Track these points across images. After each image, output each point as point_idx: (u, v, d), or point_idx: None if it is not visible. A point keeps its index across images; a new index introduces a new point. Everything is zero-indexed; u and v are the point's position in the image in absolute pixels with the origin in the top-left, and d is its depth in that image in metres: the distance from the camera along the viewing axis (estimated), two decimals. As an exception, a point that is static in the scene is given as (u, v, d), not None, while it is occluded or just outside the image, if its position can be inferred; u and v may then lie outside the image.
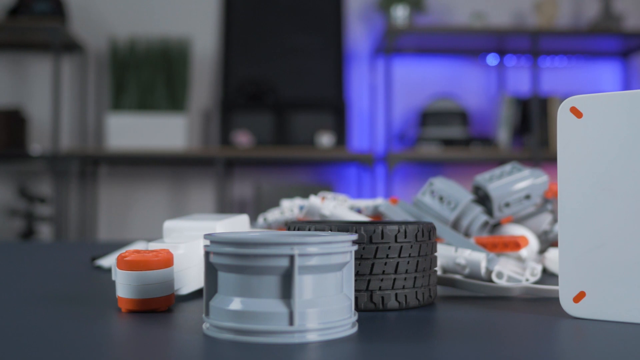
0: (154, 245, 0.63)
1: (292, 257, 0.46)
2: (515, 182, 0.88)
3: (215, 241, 0.48)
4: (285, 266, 0.46)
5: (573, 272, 0.56)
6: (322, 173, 3.55)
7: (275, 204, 3.22)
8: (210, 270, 0.50)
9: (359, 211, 0.89)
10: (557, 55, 3.60)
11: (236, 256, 0.47)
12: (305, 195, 3.22)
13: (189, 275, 0.64)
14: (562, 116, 0.57)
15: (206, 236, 0.49)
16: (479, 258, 0.73)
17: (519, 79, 3.62)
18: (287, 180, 3.52)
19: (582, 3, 3.67)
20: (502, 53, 3.56)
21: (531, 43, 3.25)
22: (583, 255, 0.56)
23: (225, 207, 3.31)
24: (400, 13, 3.28)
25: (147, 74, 3.27)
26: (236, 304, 0.47)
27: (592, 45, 3.43)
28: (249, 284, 0.47)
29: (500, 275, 0.73)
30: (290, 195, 3.21)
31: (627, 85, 3.61)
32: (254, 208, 3.29)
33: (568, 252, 0.57)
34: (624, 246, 0.54)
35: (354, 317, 0.50)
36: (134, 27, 3.53)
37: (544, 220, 0.93)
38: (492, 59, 3.61)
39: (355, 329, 0.51)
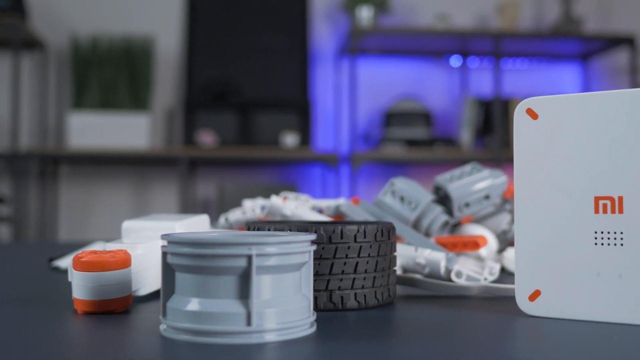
0: (111, 246, 0.62)
1: (249, 257, 0.46)
2: (474, 183, 0.89)
3: (172, 241, 0.48)
4: (243, 266, 0.46)
5: (528, 271, 0.57)
6: (287, 173, 3.54)
7: (239, 204, 3.20)
8: (168, 271, 0.49)
9: (320, 211, 0.89)
10: (518, 58, 3.65)
11: (193, 256, 0.47)
12: (269, 195, 3.21)
13: (148, 275, 0.63)
14: (519, 117, 0.58)
15: (163, 236, 0.49)
16: (439, 257, 0.73)
17: (482, 81, 3.66)
18: (252, 180, 3.51)
19: (543, 6, 3.73)
20: (465, 55, 3.60)
21: (493, 45, 3.29)
22: (538, 254, 0.57)
23: (189, 207, 3.29)
24: (365, 14, 3.29)
25: (109, 72, 3.23)
26: (193, 305, 0.47)
27: (553, 48, 3.49)
28: (206, 284, 0.47)
29: (459, 274, 0.73)
30: (254, 195, 3.20)
31: (586, 88, 3.68)
32: (218, 208, 3.27)
33: (524, 251, 0.57)
34: (577, 246, 0.55)
35: (313, 317, 0.51)
36: (96, 24, 3.48)
37: (503, 220, 0.94)
38: (455, 61, 3.65)
39: (313, 329, 0.51)
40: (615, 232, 0.54)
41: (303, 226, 0.60)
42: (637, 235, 0.53)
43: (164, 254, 0.49)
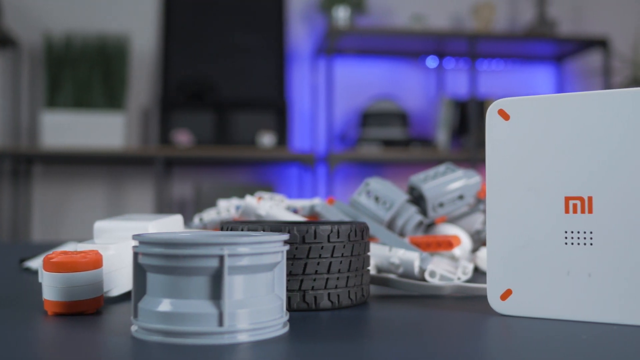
0: (83, 246, 0.62)
1: (221, 258, 0.46)
2: (449, 183, 0.90)
3: (143, 242, 0.48)
4: (215, 266, 0.46)
5: (500, 271, 0.58)
6: (263, 173, 3.54)
7: (215, 204, 3.19)
8: (139, 272, 0.49)
9: (295, 211, 0.89)
10: (494, 59, 3.68)
11: (165, 257, 0.46)
12: (245, 195, 3.20)
13: (120, 276, 0.63)
14: (490, 118, 0.58)
15: (135, 236, 0.49)
16: (413, 257, 0.73)
17: (458, 81, 3.69)
18: (228, 180, 3.50)
19: (518, 8, 3.76)
20: (441, 55, 3.62)
21: (469, 46, 3.32)
22: (510, 254, 0.57)
23: (164, 207, 3.26)
24: (341, 14, 3.30)
25: (83, 70, 3.19)
26: (165, 306, 0.47)
27: (528, 49, 3.53)
28: (178, 285, 0.47)
29: (433, 274, 0.74)
30: (230, 195, 3.19)
31: (560, 89, 3.72)
32: (194, 208, 3.25)
33: (495, 251, 0.58)
34: (548, 245, 0.56)
35: (285, 317, 0.50)
36: (70, 22, 3.44)
37: (477, 220, 0.95)
38: (431, 61, 3.67)
39: (286, 329, 0.50)
40: (585, 232, 0.54)
41: (276, 226, 0.59)
42: (606, 234, 0.54)
43: (135, 255, 0.49)
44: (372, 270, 0.75)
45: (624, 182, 0.53)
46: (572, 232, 0.55)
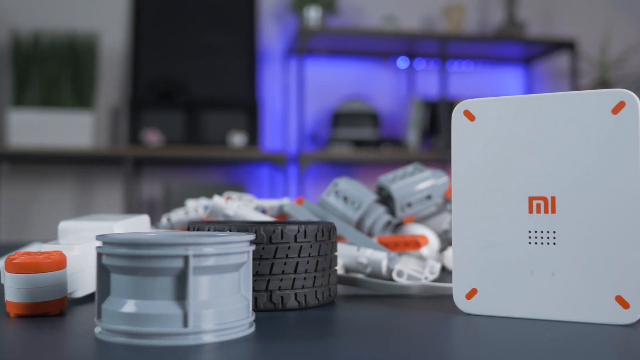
0: (47, 247, 0.61)
1: (186, 258, 0.46)
2: (417, 183, 0.90)
3: (107, 242, 0.47)
4: (180, 267, 0.46)
5: (465, 270, 0.58)
6: (234, 173, 3.52)
7: (185, 204, 3.16)
8: (103, 272, 0.48)
9: (264, 211, 0.89)
10: (464, 60, 3.71)
11: (129, 257, 0.46)
12: (214, 195, 3.18)
13: (84, 277, 0.62)
14: (456, 119, 0.59)
15: (99, 237, 0.48)
16: (380, 257, 0.74)
17: (428, 82, 3.71)
18: (199, 180, 3.48)
19: (487, 10, 3.80)
20: (412, 56, 3.64)
21: (440, 47, 3.34)
22: (475, 253, 0.58)
23: (134, 207, 3.23)
24: (313, 14, 3.30)
25: (52, 69, 3.15)
26: (129, 307, 0.46)
27: (497, 51, 3.56)
28: (142, 285, 0.46)
29: (400, 273, 0.74)
30: (201, 195, 3.17)
31: (529, 90, 3.77)
32: (164, 208, 3.23)
33: (461, 250, 0.58)
34: (512, 245, 0.56)
35: (252, 318, 0.50)
36: (39, 20, 3.39)
37: (445, 219, 0.95)
38: (402, 62, 3.69)
39: (252, 330, 0.50)
40: (548, 232, 0.55)
41: (243, 226, 0.59)
42: (569, 234, 0.54)
43: (99, 255, 0.48)
44: (340, 270, 0.76)
45: (586, 183, 0.54)
46: (535, 231, 0.56)
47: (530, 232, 0.56)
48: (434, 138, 3.45)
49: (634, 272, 0.52)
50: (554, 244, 0.55)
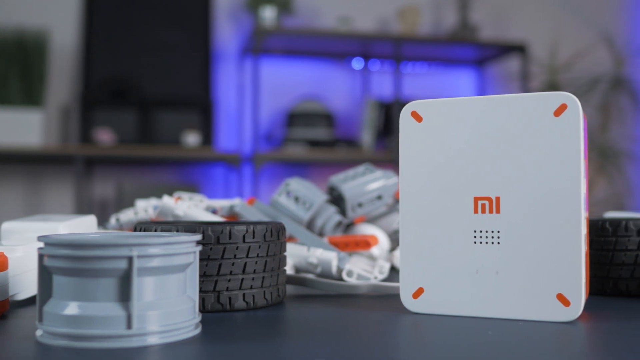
0: (-12, 248, 0.59)
1: (130, 259, 0.45)
2: (367, 183, 0.91)
3: (49, 243, 0.46)
4: (124, 268, 0.45)
5: (412, 270, 0.59)
6: (188, 173, 3.49)
7: (138, 204, 3.12)
8: (44, 274, 0.47)
9: (214, 212, 0.88)
10: (418, 62, 3.75)
11: (72, 259, 0.45)
12: (169, 195, 3.15)
13: (27, 279, 0.61)
14: (404, 120, 0.60)
15: (40, 238, 0.47)
16: (330, 257, 0.74)
17: (383, 83, 3.74)
18: (152, 180, 3.43)
19: (441, 13, 3.85)
20: (366, 57, 3.66)
21: (394, 49, 3.37)
22: (422, 253, 0.58)
23: (85, 207, 3.18)
24: (268, 14, 3.29)
25: (0, 65, 3.07)
26: (72, 309, 0.45)
27: (450, 53, 3.61)
28: (85, 287, 0.45)
29: (350, 273, 0.75)
30: (154, 195, 3.13)
31: (482, 92, 3.83)
32: (116, 209, 3.18)
33: (408, 250, 0.59)
34: (458, 244, 0.57)
35: (198, 318, 0.50)
36: (-15, 15, 3.31)
37: (395, 219, 0.96)
38: (357, 63, 3.71)
39: (198, 330, 0.50)
40: (492, 231, 0.56)
41: (191, 227, 0.59)
42: (513, 234, 0.55)
43: (41, 257, 0.47)
44: (290, 270, 0.76)
45: (529, 183, 0.55)
46: (481, 231, 0.56)
47: (475, 231, 0.57)
48: (388, 139, 3.48)
49: (574, 271, 0.54)
50: (499, 243, 0.56)
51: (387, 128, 3.49)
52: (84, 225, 0.70)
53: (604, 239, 0.68)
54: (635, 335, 0.50)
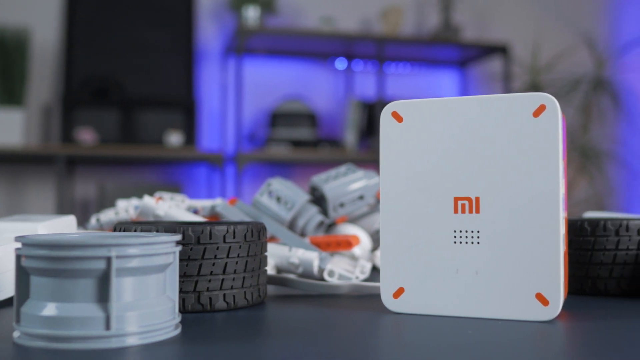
0: (-35, 249, 0.59)
1: (109, 259, 0.45)
2: (349, 183, 0.91)
3: (27, 244, 0.46)
4: (102, 269, 0.45)
5: (393, 269, 0.59)
6: (171, 173, 3.48)
7: (120, 204, 3.10)
8: (22, 275, 0.47)
9: (196, 212, 0.88)
10: (401, 62, 3.76)
11: (50, 259, 0.45)
12: (150, 195, 3.13)
13: (5, 280, 0.60)
14: (385, 120, 0.60)
15: (17, 238, 0.47)
16: (312, 257, 0.74)
17: (366, 84, 3.75)
18: (134, 180, 3.42)
19: (424, 14, 3.86)
20: (349, 58, 3.66)
21: (377, 49, 3.37)
22: (402, 253, 0.59)
23: (66, 208, 3.15)
24: (251, 13, 3.28)
25: (-21, 64, 3.04)
26: (49, 310, 0.45)
27: (433, 54, 3.62)
28: (63, 288, 0.45)
29: (331, 273, 0.75)
30: (137, 195, 3.12)
31: (464, 92, 3.84)
32: (98, 209, 3.16)
33: (388, 250, 0.59)
34: (438, 244, 0.57)
35: (178, 319, 0.50)
36: (-35, 13, 3.27)
37: (377, 219, 0.96)
38: (340, 63, 3.71)
39: (178, 331, 0.50)
40: (472, 231, 0.56)
41: (171, 227, 0.59)
42: (492, 233, 0.56)
43: (18, 257, 0.47)
44: (272, 270, 0.75)
45: (508, 183, 0.55)
46: (460, 231, 0.57)
47: (455, 231, 0.57)
48: (371, 139, 3.49)
49: (552, 271, 0.54)
50: (478, 243, 0.56)
51: (370, 128, 3.49)
52: (64, 226, 0.70)
53: (582, 238, 0.68)
54: (613, 334, 0.50)
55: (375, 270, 0.93)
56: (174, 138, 3.19)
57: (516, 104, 0.55)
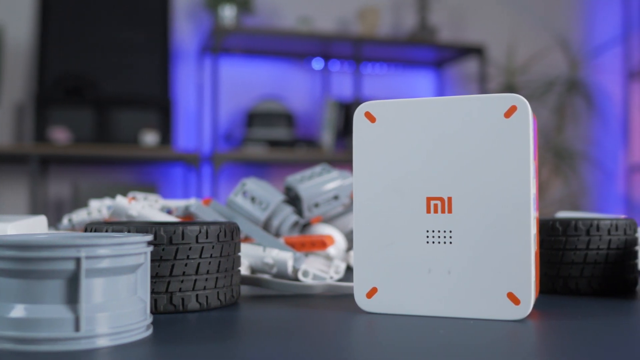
0: None
1: (78, 260, 0.44)
2: (324, 183, 0.91)
3: (-6, 244, 0.45)
4: (72, 269, 0.44)
5: (366, 269, 0.59)
6: (147, 173, 3.45)
7: (95, 204, 3.07)
8: (-10, 276, 0.46)
9: (169, 212, 0.87)
10: (377, 62, 3.77)
11: (17, 260, 0.44)
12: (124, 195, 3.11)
13: (-26, 281, 0.59)
14: (358, 120, 0.60)
15: (-15, 239, 0.46)
16: (286, 257, 0.74)
17: (342, 84, 3.75)
18: (109, 180, 3.39)
19: (401, 14, 3.88)
20: (326, 58, 3.67)
21: (354, 49, 3.38)
22: (375, 253, 0.59)
23: (39, 208, 3.11)
24: (227, 13, 3.27)
25: (-50, 62, 2.99)
26: (18, 311, 0.44)
27: (410, 54, 3.64)
28: (32, 289, 0.45)
29: (306, 273, 0.75)
30: (112, 196, 3.09)
31: (440, 93, 3.87)
32: (72, 209, 3.12)
33: (361, 250, 0.59)
34: (411, 244, 0.58)
35: (149, 320, 0.49)
36: (-64, 10, 3.22)
37: (351, 219, 0.97)
38: (317, 63, 3.71)
39: (149, 332, 0.49)
40: (445, 231, 0.57)
41: (143, 227, 0.58)
42: (464, 233, 0.56)
43: (-14, 258, 0.46)
44: (246, 270, 0.75)
45: (480, 184, 0.56)
46: (433, 231, 0.57)
47: (428, 231, 0.57)
48: (348, 139, 3.49)
49: (523, 270, 0.55)
50: (451, 243, 0.57)
51: (347, 128, 3.50)
52: (34, 226, 0.69)
53: (554, 238, 0.69)
54: (584, 332, 0.51)
55: (349, 270, 0.93)
56: (150, 138, 3.16)
57: (487, 104, 0.56)
